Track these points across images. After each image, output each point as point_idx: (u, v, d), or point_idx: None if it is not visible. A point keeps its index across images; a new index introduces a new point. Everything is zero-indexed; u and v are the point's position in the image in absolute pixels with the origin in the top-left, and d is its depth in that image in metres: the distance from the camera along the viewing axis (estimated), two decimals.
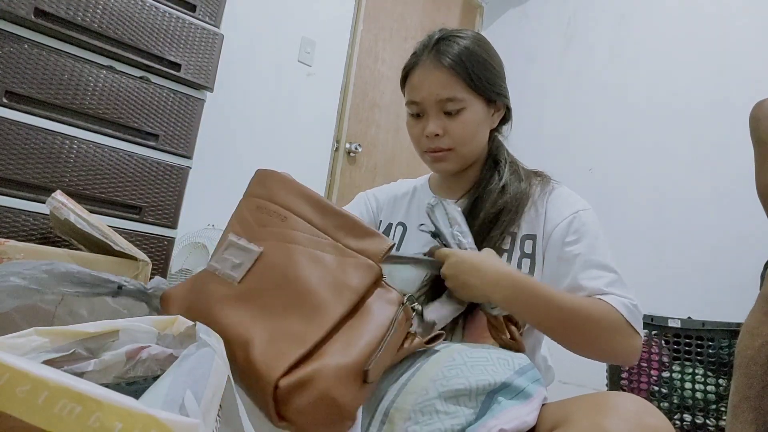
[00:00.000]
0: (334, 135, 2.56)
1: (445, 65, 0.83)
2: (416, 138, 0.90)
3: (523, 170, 0.91)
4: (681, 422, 1.59)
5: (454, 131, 0.85)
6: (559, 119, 2.72)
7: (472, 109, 0.85)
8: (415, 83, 0.87)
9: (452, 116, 0.85)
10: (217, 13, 1.67)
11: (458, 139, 0.85)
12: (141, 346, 0.42)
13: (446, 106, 0.84)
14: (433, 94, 0.84)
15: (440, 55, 0.84)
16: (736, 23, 2.17)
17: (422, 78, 0.86)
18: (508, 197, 0.84)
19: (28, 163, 1.33)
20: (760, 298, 1.20)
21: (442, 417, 0.54)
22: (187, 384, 0.32)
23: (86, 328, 0.40)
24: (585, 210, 0.84)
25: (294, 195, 0.61)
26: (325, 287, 0.53)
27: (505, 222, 0.83)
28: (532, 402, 0.58)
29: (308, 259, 0.55)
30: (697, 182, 2.13)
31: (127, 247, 1.21)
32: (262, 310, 0.52)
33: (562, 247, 0.81)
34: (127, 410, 0.26)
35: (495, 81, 0.87)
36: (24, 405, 0.24)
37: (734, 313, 1.48)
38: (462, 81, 0.83)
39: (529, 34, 2.99)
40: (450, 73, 0.83)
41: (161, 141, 1.54)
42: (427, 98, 0.85)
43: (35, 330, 0.37)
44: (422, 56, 0.87)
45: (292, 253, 0.55)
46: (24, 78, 1.33)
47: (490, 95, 0.87)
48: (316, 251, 0.56)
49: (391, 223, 0.98)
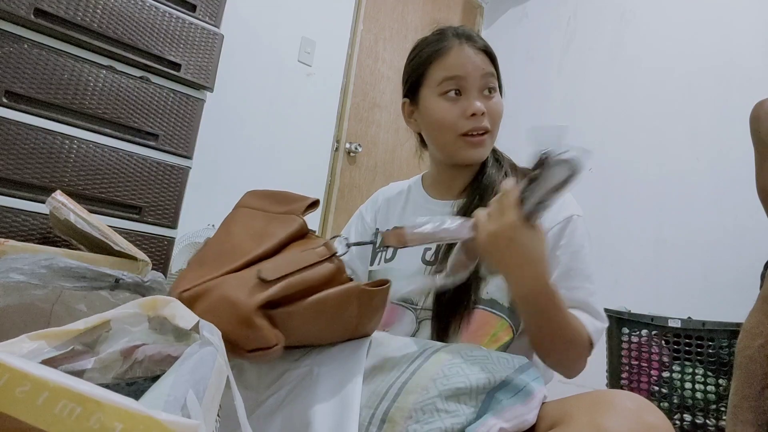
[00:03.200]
0: (334, 135, 2.56)
1: (481, 47, 0.86)
2: (453, 120, 0.84)
3: (520, 170, 0.91)
4: (681, 422, 1.59)
5: (493, 111, 0.84)
6: (559, 119, 2.72)
7: (498, 93, 0.87)
8: (454, 60, 0.84)
9: (490, 96, 0.85)
10: (217, 13, 1.67)
11: (495, 119, 0.85)
12: (135, 345, 0.42)
13: (490, 82, 0.84)
14: (479, 67, 0.83)
15: (477, 42, 0.86)
16: (736, 23, 2.17)
17: (463, 55, 0.84)
18: None
19: (28, 163, 1.33)
20: (760, 298, 1.20)
21: (442, 416, 0.54)
22: (189, 384, 0.32)
23: (77, 325, 0.40)
24: (579, 216, 0.84)
25: (252, 197, 0.75)
26: (248, 239, 0.64)
27: None
28: (532, 400, 0.58)
29: (242, 227, 0.68)
30: (697, 182, 2.13)
31: (127, 247, 1.21)
32: (201, 266, 0.63)
33: (553, 252, 0.80)
34: (128, 411, 0.26)
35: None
36: (24, 406, 0.24)
37: (734, 313, 1.48)
38: (492, 64, 0.86)
39: (529, 34, 2.99)
40: (487, 55, 0.86)
41: (161, 141, 1.54)
42: (472, 72, 0.83)
43: (27, 336, 0.37)
44: (453, 40, 0.86)
45: (232, 228, 0.69)
46: (24, 78, 1.33)
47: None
48: (250, 221, 0.69)
49: (388, 229, 0.98)
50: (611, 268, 2.27)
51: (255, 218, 0.69)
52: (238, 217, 0.71)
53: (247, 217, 0.70)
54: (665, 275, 2.13)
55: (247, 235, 0.66)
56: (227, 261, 0.61)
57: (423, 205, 0.94)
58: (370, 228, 1.01)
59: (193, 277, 0.60)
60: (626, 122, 2.42)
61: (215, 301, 0.54)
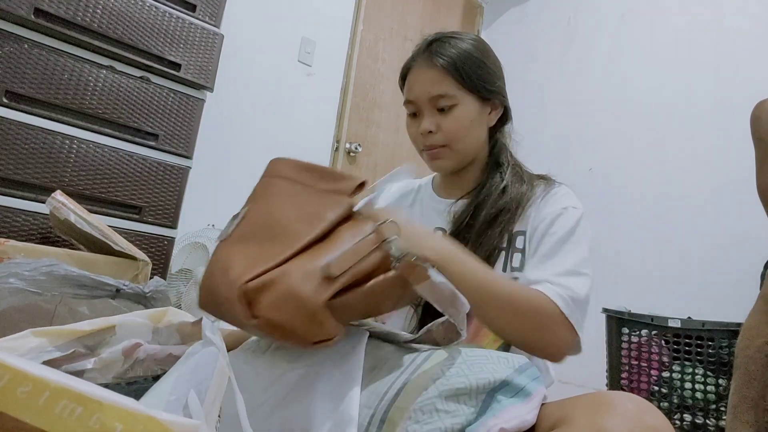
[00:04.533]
0: (334, 135, 2.56)
1: (436, 63, 0.86)
2: (413, 137, 0.92)
3: (526, 173, 0.92)
4: (681, 422, 1.59)
5: (447, 127, 0.87)
6: (559, 119, 2.72)
7: (465, 105, 0.87)
8: (409, 83, 0.90)
9: (445, 113, 0.87)
10: (217, 13, 1.67)
11: (451, 135, 0.87)
12: (137, 343, 0.42)
13: (438, 103, 0.86)
14: (425, 91, 0.87)
15: (432, 55, 0.87)
16: (736, 23, 2.17)
17: (415, 77, 0.89)
18: (508, 198, 0.85)
19: (28, 163, 1.33)
20: (760, 298, 1.20)
21: (442, 416, 0.54)
22: (190, 384, 0.32)
23: (82, 326, 0.40)
24: (575, 208, 0.84)
25: (287, 166, 0.70)
26: (298, 220, 0.61)
27: (503, 222, 0.84)
28: (532, 400, 0.58)
29: (287, 204, 0.64)
30: (697, 182, 2.13)
31: (127, 247, 1.21)
32: (246, 244, 0.60)
33: (541, 239, 0.81)
34: (128, 411, 0.26)
35: (488, 79, 0.88)
36: (25, 406, 0.24)
37: (734, 313, 1.48)
38: (452, 78, 0.85)
39: (529, 34, 2.99)
40: (441, 70, 0.86)
41: (161, 141, 1.54)
42: (419, 96, 0.88)
43: (31, 331, 0.37)
44: (417, 58, 0.90)
45: (274, 202, 0.65)
46: (24, 78, 1.33)
47: (483, 93, 0.88)
48: (293, 197, 0.65)
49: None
50: (611, 268, 2.27)
51: (298, 194, 0.65)
52: (277, 190, 0.67)
53: (289, 190, 0.66)
54: (665, 275, 2.13)
55: (294, 213, 0.62)
56: (280, 244, 0.58)
57: (428, 203, 0.97)
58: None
59: (243, 258, 0.57)
60: (626, 122, 2.42)
61: (282, 294, 0.53)
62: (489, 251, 0.82)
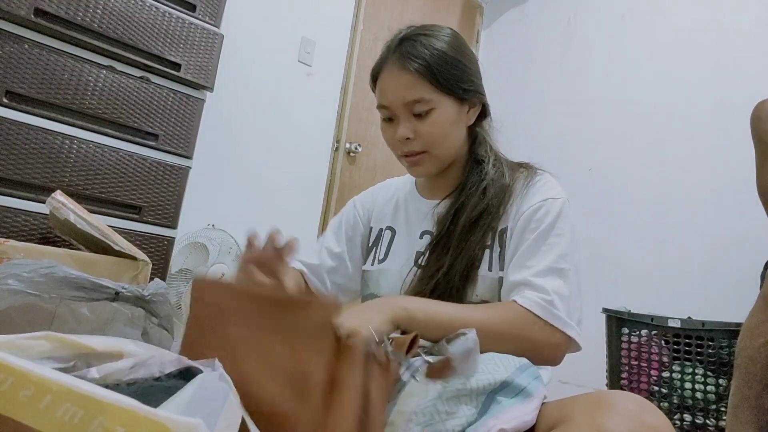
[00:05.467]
0: (334, 135, 2.56)
1: (410, 68, 0.81)
2: (390, 142, 0.88)
3: (507, 165, 0.89)
4: (681, 422, 1.59)
5: (425, 133, 0.83)
6: (559, 119, 2.72)
7: (442, 109, 0.83)
8: (382, 87, 0.85)
9: (422, 118, 0.82)
10: (217, 13, 1.67)
11: (430, 140, 0.83)
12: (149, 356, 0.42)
13: (414, 108, 0.82)
14: (399, 97, 0.82)
15: (404, 57, 0.82)
16: (736, 23, 2.17)
17: (388, 81, 0.84)
18: (488, 198, 0.83)
19: (28, 163, 1.33)
20: (760, 298, 1.20)
21: (443, 417, 0.54)
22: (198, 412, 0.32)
23: (94, 343, 0.40)
24: (555, 199, 0.81)
25: (227, 296, 0.53)
26: (278, 386, 0.46)
27: (485, 223, 0.82)
28: (532, 401, 0.58)
29: (258, 366, 0.47)
30: (697, 182, 2.13)
31: (127, 247, 1.21)
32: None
33: (521, 235, 0.80)
34: (130, 413, 0.26)
35: (465, 78, 0.84)
36: (27, 409, 0.24)
37: (734, 313, 1.48)
38: (428, 82, 0.81)
39: (529, 34, 2.99)
40: (415, 74, 0.81)
41: (161, 141, 1.54)
42: (393, 102, 0.83)
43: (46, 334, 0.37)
44: (387, 60, 0.85)
45: (242, 368, 0.46)
46: (24, 78, 1.33)
47: (460, 93, 0.84)
48: (259, 349, 0.49)
49: (381, 228, 0.98)
50: (611, 268, 2.27)
51: (264, 343, 0.49)
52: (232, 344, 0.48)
53: (253, 343, 0.49)
54: (665, 275, 2.13)
55: (270, 377, 0.46)
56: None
57: (413, 205, 0.95)
58: (363, 222, 1.01)
59: None
60: (626, 122, 2.42)
61: None
62: (471, 256, 0.80)
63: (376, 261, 0.94)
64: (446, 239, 0.83)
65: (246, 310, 0.51)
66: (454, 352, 0.57)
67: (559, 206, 0.81)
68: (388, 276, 0.91)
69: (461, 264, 0.80)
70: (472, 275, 0.80)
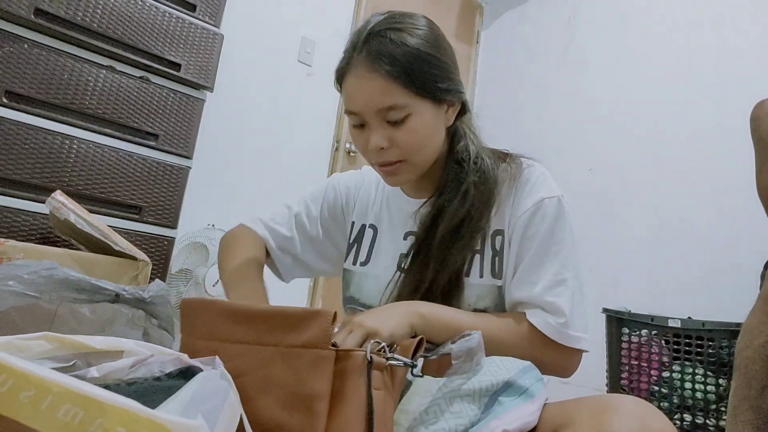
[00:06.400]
0: (334, 135, 2.56)
1: (380, 69, 0.70)
2: (362, 150, 0.78)
3: (490, 161, 0.81)
4: (681, 422, 1.59)
5: (402, 141, 0.73)
6: (558, 119, 2.72)
7: (419, 114, 0.73)
8: (349, 92, 0.75)
9: (397, 125, 0.73)
10: (217, 13, 1.67)
11: (407, 149, 0.74)
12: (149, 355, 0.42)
13: (388, 116, 0.72)
14: (370, 103, 0.72)
15: (373, 57, 0.71)
16: (736, 23, 2.17)
17: (356, 86, 0.73)
18: (469, 203, 0.77)
19: (28, 163, 1.33)
20: (760, 298, 1.20)
21: (446, 416, 0.55)
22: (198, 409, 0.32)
23: (93, 342, 0.40)
24: (550, 198, 0.76)
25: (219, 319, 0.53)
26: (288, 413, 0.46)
27: (468, 230, 0.76)
28: (535, 402, 0.58)
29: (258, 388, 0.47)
30: (697, 182, 2.13)
31: (127, 247, 1.21)
32: None
33: (520, 242, 0.76)
34: (130, 413, 0.26)
35: (443, 76, 0.75)
36: (28, 410, 0.24)
37: (734, 313, 1.48)
38: (402, 85, 0.71)
39: (529, 34, 2.99)
40: (387, 77, 0.70)
41: (161, 141, 1.54)
42: (364, 108, 0.73)
43: (45, 335, 0.37)
44: (353, 58, 0.74)
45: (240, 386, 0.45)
46: (24, 78, 1.33)
47: (438, 94, 0.75)
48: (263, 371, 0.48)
49: (364, 224, 0.93)
50: (611, 268, 2.27)
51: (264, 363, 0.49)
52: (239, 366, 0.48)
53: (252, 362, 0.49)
54: (665, 275, 2.13)
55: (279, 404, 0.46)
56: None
57: (396, 204, 0.90)
58: (343, 202, 0.96)
59: None
60: (626, 122, 2.42)
61: None
62: (454, 267, 0.76)
63: (358, 262, 0.90)
64: (427, 248, 0.78)
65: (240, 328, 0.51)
66: (454, 349, 0.58)
67: (555, 206, 0.76)
68: (370, 281, 0.87)
69: (444, 278, 0.75)
70: (459, 285, 0.76)
